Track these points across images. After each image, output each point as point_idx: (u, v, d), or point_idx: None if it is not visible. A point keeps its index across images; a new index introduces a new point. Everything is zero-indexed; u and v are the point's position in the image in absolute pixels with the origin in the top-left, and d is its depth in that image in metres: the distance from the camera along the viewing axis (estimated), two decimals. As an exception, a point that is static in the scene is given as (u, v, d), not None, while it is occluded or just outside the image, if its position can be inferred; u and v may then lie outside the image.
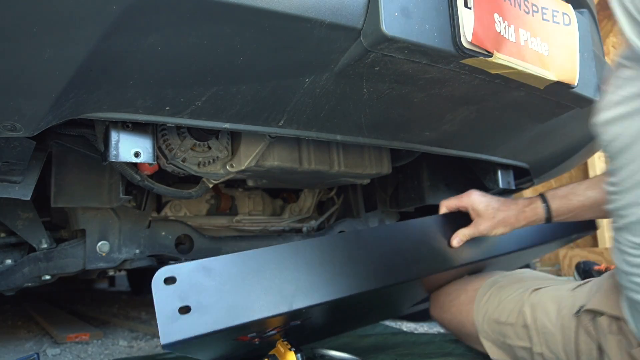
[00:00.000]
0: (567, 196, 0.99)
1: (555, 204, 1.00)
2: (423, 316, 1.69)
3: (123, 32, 0.60)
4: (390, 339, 1.52)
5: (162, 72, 0.70)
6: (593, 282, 0.96)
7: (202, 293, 0.77)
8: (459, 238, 1.04)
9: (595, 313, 0.86)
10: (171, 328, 0.73)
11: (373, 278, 0.92)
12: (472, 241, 1.06)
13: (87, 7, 0.55)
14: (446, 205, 1.08)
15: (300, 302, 0.84)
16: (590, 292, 0.92)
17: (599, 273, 1.76)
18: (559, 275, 2.79)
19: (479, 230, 1.03)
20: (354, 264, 0.91)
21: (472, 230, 1.04)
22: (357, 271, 0.91)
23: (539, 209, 1.01)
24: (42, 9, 0.54)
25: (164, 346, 0.72)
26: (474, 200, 1.04)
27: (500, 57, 0.80)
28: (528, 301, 0.98)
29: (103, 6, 0.56)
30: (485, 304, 1.06)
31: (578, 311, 0.89)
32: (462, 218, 1.07)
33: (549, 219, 1.02)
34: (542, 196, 1.02)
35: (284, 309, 0.82)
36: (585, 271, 1.87)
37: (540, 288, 1.01)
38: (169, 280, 0.75)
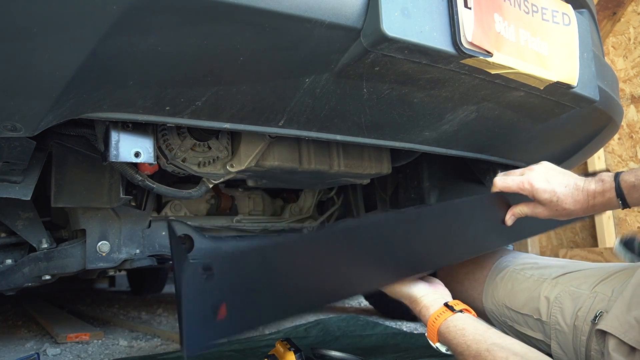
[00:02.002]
0: None
1: (634, 198, 0.84)
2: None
3: (123, 32, 0.60)
4: (390, 339, 1.52)
5: (162, 72, 0.70)
6: (617, 278, 0.89)
7: (243, 285, 0.65)
8: (512, 215, 0.94)
9: (606, 334, 0.81)
10: (200, 334, 0.61)
11: (430, 259, 0.88)
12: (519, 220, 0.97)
13: (87, 7, 0.55)
14: (503, 187, 0.93)
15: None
16: (611, 297, 0.86)
17: None
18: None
19: (536, 213, 0.92)
20: (408, 246, 0.84)
21: (530, 210, 0.92)
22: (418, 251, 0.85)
23: (612, 202, 0.86)
24: (42, 9, 0.54)
25: (189, 357, 0.60)
26: (537, 189, 0.88)
27: (500, 57, 0.80)
28: (545, 293, 0.93)
29: (103, 6, 0.56)
30: (497, 287, 1.02)
31: (594, 319, 0.85)
32: (518, 197, 0.95)
33: (622, 207, 0.88)
34: (618, 188, 0.85)
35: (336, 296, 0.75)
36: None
37: (561, 275, 0.94)
38: (206, 270, 0.61)
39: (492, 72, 0.84)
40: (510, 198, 0.95)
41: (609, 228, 2.61)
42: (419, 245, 0.86)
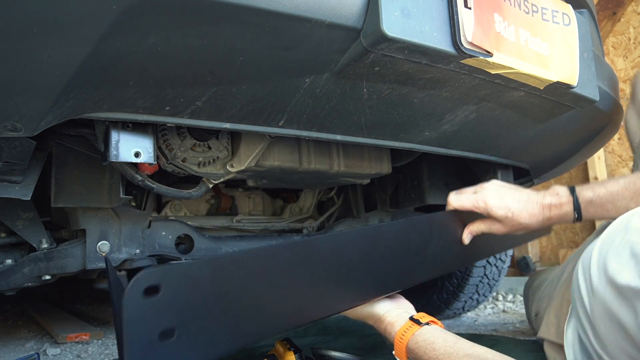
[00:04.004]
0: (604, 205, 0.86)
1: (589, 213, 0.87)
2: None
3: (123, 32, 0.60)
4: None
5: (162, 72, 0.70)
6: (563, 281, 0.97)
7: (196, 308, 0.58)
8: (469, 233, 0.95)
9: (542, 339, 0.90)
10: None
11: (385, 280, 0.83)
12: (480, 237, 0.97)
13: (87, 7, 0.55)
14: (458, 205, 0.95)
15: (312, 314, 0.72)
16: (543, 299, 0.99)
17: None
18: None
19: (493, 230, 0.93)
20: (367, 262, 0.80)
21: (487, 227, 0.94)
22: (369, 272, 0.81)
23: (568, 216, 0.89)
24: (42, 9, 0.54)
25: None
26: (492, 206, 0.90)
27: (500, 57, 0.80)
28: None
29: (103, 6, 0.56)
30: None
31: (534, 317, 0.95)
32: (474, 213, 0.95)
33: (574, 221, 0.92)
34: (575, 202, 0.88)
35: (295, 322, 0.69)
36: None
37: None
38: (151, 291, 0.54)
39: (492, 72, 0.84)
40: (466, 217, 0.95)
41: (609, 228, 2.61)
42: (378, 264, 0.82)
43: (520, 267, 2.66)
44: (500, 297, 2.68)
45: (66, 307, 2.99)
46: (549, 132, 1.23)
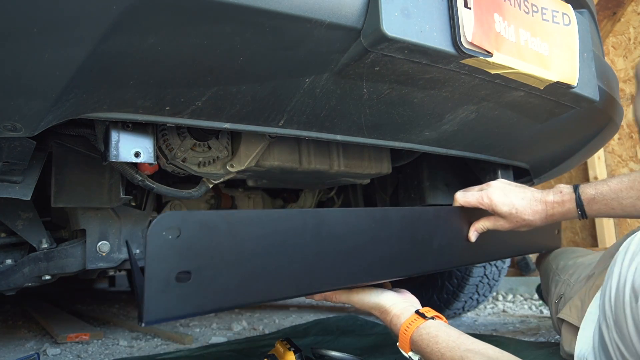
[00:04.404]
0: (608, 203, 0.87)
1: (593, 210, 0.89)
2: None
3: (123, 33, 0.60)
4: (390, 338, 1.52)
5: (162, 72, 0.70)
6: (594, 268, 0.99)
7: (211, 256, 0.61)
8: (475, 230, 0.97)
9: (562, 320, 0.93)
10: (161, 300, 0.57)
11: (392, 264, 0.85)
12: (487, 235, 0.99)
13: (87, 8, 0.55)
14: (464, 202, 0.97)
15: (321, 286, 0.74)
16: (570, 283, 1.02)
17: None
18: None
19: (497, 226, 0.95)
20: (375, 244, 0.82)
21: (491, 224, 0.95)
22: (378, 253, 0.82)
23: (571, 213, 0.90)
24: (42, 9, 0.54)
25: (148, 323, 0.57)
26: (496, 203, 0.92)
27: (500, 57, 0.80)
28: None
29: (103, 6, 0.56)
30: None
31: (557, 301, 0.96)
32: (479, 212, 0.98)
33: (580, 218, 0.93)
34: (579, 199, 0.89)
35: (301, 289, 0.71)
36: None
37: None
38: (172, 231, 0.58)
39: (492, 72, 0.84)
40: (472, 215, 0.96)
41: (609, 228, 2.61)
42: (383, 246, 0.84)
43: (520, 267, 2.66)
44: (500, 297, 2.68)
45: (66, 307, 2.99)
46: (549, 132, 1.23)
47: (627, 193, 0.85)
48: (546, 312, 2.19)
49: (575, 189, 0.90)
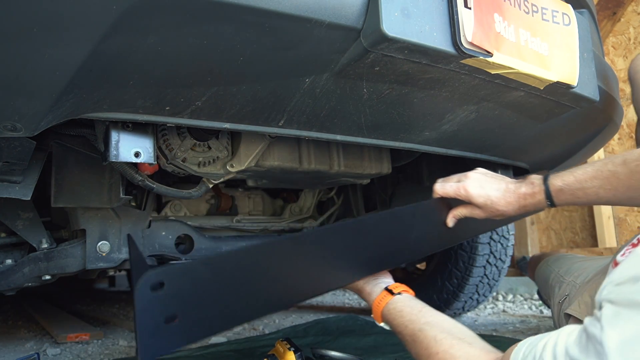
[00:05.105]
0: (574, 193, 0.91)
1: (561, 200, 0.93)
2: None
3: (123, 33, 0.60)
4: (390, 338, 1.52)
5: (162, 72, 0.70)
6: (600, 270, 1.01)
7: (193, 297, 0.69)
8: (453, 217, 1.03)
9: (570, 316, 0.93)
10: (154, 341, 0.65)
11: (367, 266, 0.92)
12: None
13: (87, 8, 0.55)
14: (442, 193, 1.02)
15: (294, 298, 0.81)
16: (576, 284, 1.02)
17: None
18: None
19: (474, 214, 1.01)
20: (352, 251, 0.89)
21: (468, 212, 1.01)
22: (354, 259, 0.90)
23: (541, 204, 0.95)
24: (42, 9, 0.54)
25: None
26: (472, 194, 0.97)
27: (500, 57, 0.80)
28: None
29: (103, 6, 0.56)
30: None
31: (561, 301, 0.97)
32: (457, 201, 1.04)
33: (550, 207, 0.97)
34: (547, 191, 0.93)
35: (276, 308, 0.80)
36: None
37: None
38: (157, 287, 0.65)
39: (492, 72, 0.84)
40: (451, 202, 1.03)
41: (609, 228, 2.61)
42: (359, 251, 0.91)
43: (520, 267, 2.67)
44: (500, 297, 2.68)
45: (66, 307, 2.99)
46: (549, 132, 1.23)
47: (590, 183, 0.87)
48: (546, 312, 2.19)
49: (545, 180, 0.94)
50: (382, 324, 0.92)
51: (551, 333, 0.59)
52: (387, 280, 0.98)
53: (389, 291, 0.91)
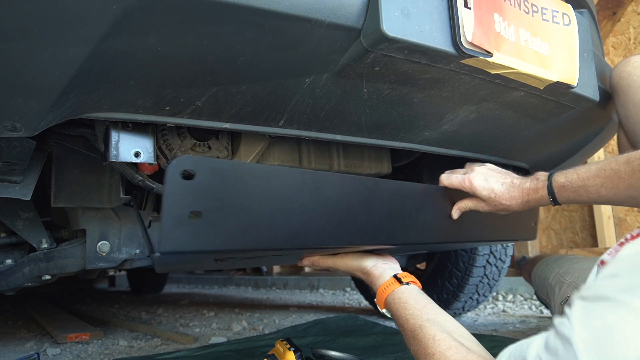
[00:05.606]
0: (576, 191, 0.91)
1: (563, 197, 0.93)
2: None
3: (123, 33, 0.60)
4: (390, 338, 1.52)
5: (162, 72, 0.70)
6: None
7: (220, 200, 0.67)
8: (458, 209, 1.03)
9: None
10: (175, 234, 0.63)
11: (377, 232, 0.91)
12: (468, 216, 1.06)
13: (87, 8, 0.55)
14: (448, 184, 1.03)
15: (314, 241, 0.80)
16: (577, 284, 1.03)
17: None
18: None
19: (478, 207, 1.02)
20: (364, 209, 0.88)
21: (473, 204, 1.02)
22: (370, 222, 0.88)
23: (544, 200, 0.95)
24: (43, 9, 0.54)
25: (163, 253, 0.63)
26: (476, 187, 0.98)
27: (500, 57, 0.80)
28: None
29: (103, 6, 0.56)
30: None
31: (562, 303, 0.96)
32: (463, 193, 1.04)
33: (553, 204, 0.98)
34: (550, 187, 0.94)
35: (296, 244, 0.78)
36: None
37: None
38: (187, 175, 0.64)
39: (492, 72, 0.84)
40: (456, 195, 1.03)
41: (609, 228, 2.61)
42: (373, 213, 0.90)
43: (520, 267, 2.66)
44: (500, 297, 2.68)
45: (66, 307, 2.99)
46: (549, 132, 1.23)
47: (592, 181, 0.87)
48: (546, 312, 2.19)
49: (550, 176, 0.94)
50: (383, 311, 0.90)
51: (540, 334, 0.59)
52: (396, 267, 0.96)
53: (398, 279, 0.90)
